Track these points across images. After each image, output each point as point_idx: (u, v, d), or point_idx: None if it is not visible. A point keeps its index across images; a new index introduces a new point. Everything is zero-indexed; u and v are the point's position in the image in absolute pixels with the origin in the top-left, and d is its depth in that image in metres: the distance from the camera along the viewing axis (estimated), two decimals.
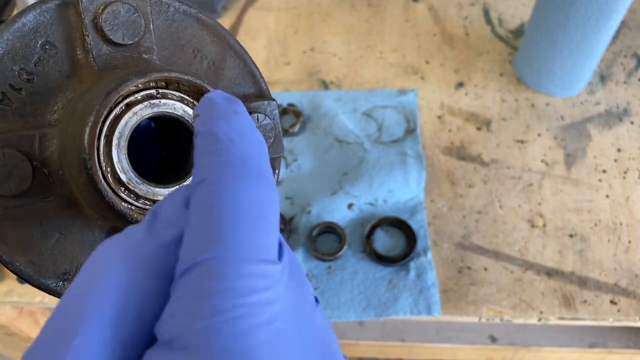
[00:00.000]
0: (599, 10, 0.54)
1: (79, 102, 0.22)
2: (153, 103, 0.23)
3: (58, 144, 0.22)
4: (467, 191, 0.58)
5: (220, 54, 0.27)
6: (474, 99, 0.65)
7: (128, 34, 0.23)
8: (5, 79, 0.22)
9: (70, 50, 0.23)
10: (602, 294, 0.52)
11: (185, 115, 0.23)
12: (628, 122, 0.63)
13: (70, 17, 0.23)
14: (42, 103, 0.23)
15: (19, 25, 0.22)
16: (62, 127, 0.22)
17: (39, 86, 0.23)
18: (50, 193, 0.22)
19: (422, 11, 0.75)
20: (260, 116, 0.27)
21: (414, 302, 0.52)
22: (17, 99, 0.22)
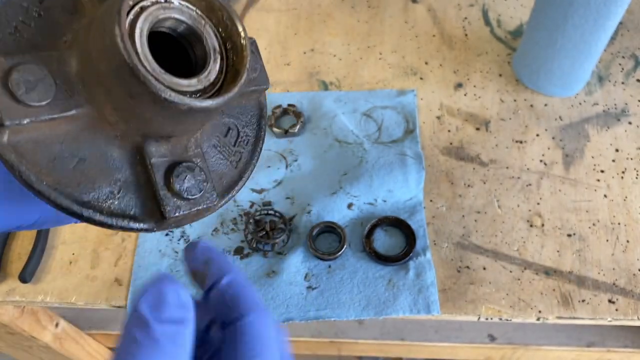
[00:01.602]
0: (597, 11, 0.54)
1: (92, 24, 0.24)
2: (164, 5, 0.24)
3: (76, 62, 0.23)
4: (466, 191, 0.59)
5: None
6: (473, 99, 0.66)
7: None
8: (16, 14, 0.23)
9: None
10: (600, 293, 0.52)
11: (193, 19, 0.25)
12: (626, 122, 0.63)
13: None
14: (51, 34, 0.24)
15: None
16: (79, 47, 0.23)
17: (46, 20, 0.24)
18: (72, 107, 0.23)
19: (421, 12, 0.75)
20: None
21: (413, 301, 0.52)
22: (28, 31, 0.24)
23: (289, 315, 0.52)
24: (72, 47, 0.24)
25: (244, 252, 0.56)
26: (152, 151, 0.25)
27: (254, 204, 0.59)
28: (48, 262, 0.57)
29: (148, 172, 0.25)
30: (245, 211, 0.59)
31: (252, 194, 0.60)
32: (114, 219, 0.24)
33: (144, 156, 0.25)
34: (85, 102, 0.23)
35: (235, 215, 0.58)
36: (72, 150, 0.24)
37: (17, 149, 0.22)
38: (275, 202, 0.59)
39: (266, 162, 0.62)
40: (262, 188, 0.60)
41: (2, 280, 0.56)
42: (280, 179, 0.61)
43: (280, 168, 0.61)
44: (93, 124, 0.24)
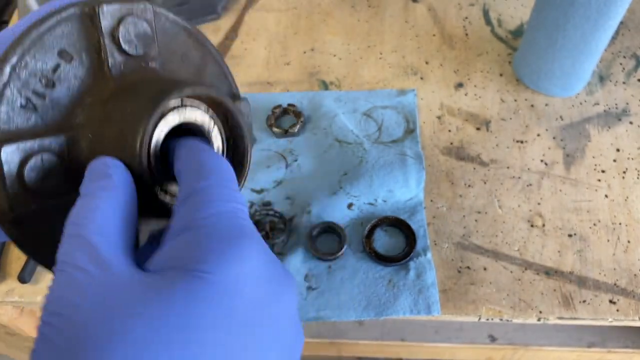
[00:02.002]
0: (597, 11, 0.54)
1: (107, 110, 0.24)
2: (180, 111, 0.25)
3: (87, 145, 0.24)
4: (466, 191, 0.59)
5: (202, 58, 0.30)
6: (473, 99, 0.66)
7: (140, 45, 0.26)
8: (28, 85, 0.24)
9: (87, 59, 0.25)
10: (601, 294, 0.52)
11: (203, 123, 0.26)
12: (627, 122, 0.63)
13: (87, 28, 0.25)
14: (64, 108, 0.24)
15: (39, 34, 0.24)
16: (92, 130, 0.24)
17: (59, 92, 0.24)
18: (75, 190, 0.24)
19: (421, 12, 0.75)
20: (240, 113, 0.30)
21: (413, 301, 0.52)
22: (41, 104, 0.24)
23: None
24: (85, 128, 0.24)
25: None
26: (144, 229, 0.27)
27: (254, 204, 0.59)
28: None
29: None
30: None
31: (251, 194, 0.60)
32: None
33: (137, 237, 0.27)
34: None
35: None
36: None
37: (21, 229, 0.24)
38: (275, 202, 0.59)
39: (266, 162, 0.62)
40: (261, 188, 0.60)
41: (1, 281, 0.56)
42: (280, 179, 0.61)
43: (280, 168, 0.61)
44: None
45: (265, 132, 0.64)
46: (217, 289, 0.19)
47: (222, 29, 0.75)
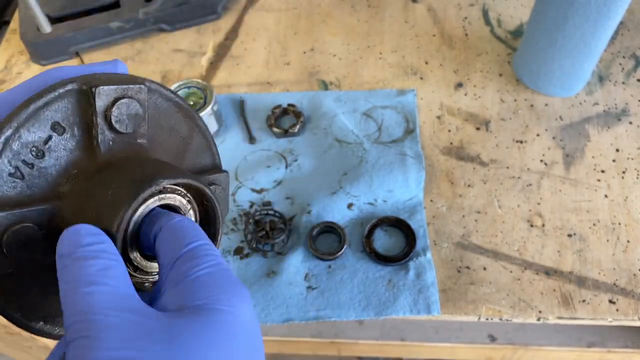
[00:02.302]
0: (597, 11, 0.54)
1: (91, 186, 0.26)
2: (160, 197, 0.26)
3: (68, 216, 0.25)
4: (466, 191, 0.59)
5: (189, 130, 0.31)
6: (473, 99, 0.66)
7: (130, 124, 0.27)
8: (19, 155, 0.24)
9: (78, 133, 0.26)
10: (600, 294, 0.52)
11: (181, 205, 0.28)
12: (626, 122, 0.63)
13: (82, 105, 0.26)
14: (50, 177, 0.25)
15: (37, 107, 0.25)
16: (74, 202, 0.26)
17: (47, 162, 0.25)
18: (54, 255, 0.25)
19: (421, 12, 0.75)
20: (217, 188, 0.32)
21: (413, 301, 0.52)
22: (28, 173, 0.25)
23: (289, 315, 0.52)
24: (68, 199, 0.25)
25: (244, 252, 0.56)
26: None
27: (254, 204, 0.59)
28: None
29: None
30: (245, 211, 0.59)
31: (252, 194, 0.60)
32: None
33: None
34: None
35: (235, 215, 0.58)
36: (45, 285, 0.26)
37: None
38: (275, 202, 0.59)
39: (266, 162, 0.62)
40: (262, 188, 0.60)
41: None
42: (280, 179, 0.61)
43: (280, 168, 0.61)
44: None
45: (265, 132, 0.64)
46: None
47: (222, 29, 0.76)
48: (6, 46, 0.76)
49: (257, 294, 0.53)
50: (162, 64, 0.72)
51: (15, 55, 0.75)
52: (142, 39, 0.75)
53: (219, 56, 0.73)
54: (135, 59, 0.73)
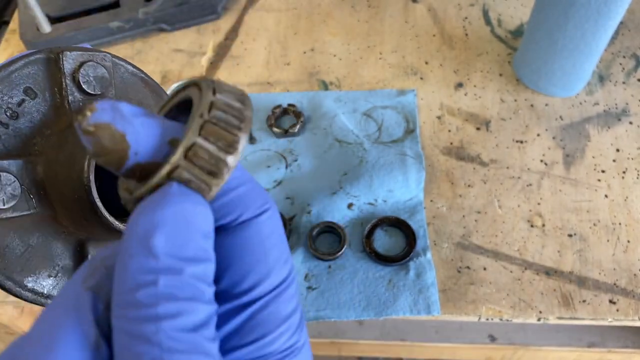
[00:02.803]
0: (597, 11, 0.54)
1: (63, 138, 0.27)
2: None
3: (44, 169, 0.27)
4: (466, 191, 0.59)
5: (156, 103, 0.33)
6: (473, 99, 0.66)
7: (97, 86, 0.29)
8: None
9: (49, 96, 0.28)
10: (601, 294, 0.52)
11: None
12: (627, 122, 0.63)
13: (51, 70, 0.28)
14: (24, 137, 0.28)
15: (7, 73, 0.27)
16: (49, 156, 0.27)
17: (22, 123, 0.28)
18: (31, 208, 0.27)
19: (421, 12, 0.75)
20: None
21: (413, 301, 0.52)
22: (4, 132, 0.27)
23: None
24: (42, 154, 0.27)
25: None
26: (92, 249, 0.30)
27: None
28: None
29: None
30: None
31: None
32: (48, 300, 0.28)
33: (84, 251, 0.29)
34: (44, 205, 0.27)
35: None
36: (23, 239, 0.27)
37: None
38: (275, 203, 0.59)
39: (266, 162, 0.62)
40: None
41: None
42: (280, 179, 0.61)
43: (280, 168, 0.61)
44: (45, 221, 0.28)
45: (265, 132, 0.64)
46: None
47: (222, 29, 0.75)
48: (5, 46, 0.76)
49: None
50: (162, 64, 0.72)
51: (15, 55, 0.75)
52: (141, 39, 0.75)
53: (219, 56, 0.72)
54: (135, 59, 0.73)
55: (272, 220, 0.21)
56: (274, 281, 0.20)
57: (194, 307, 0.17)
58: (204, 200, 0.18)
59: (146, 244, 0.17)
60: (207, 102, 0.19)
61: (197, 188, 0.18)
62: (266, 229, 0.20)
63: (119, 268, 0.17)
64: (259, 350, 0.19)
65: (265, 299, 0.20)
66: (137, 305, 0.16)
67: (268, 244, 0.20)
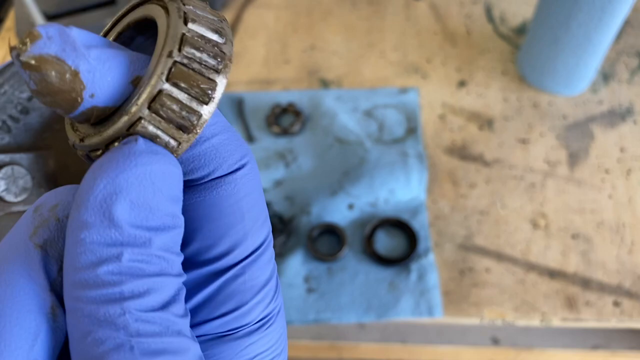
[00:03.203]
0: (602, 9, 0.53)
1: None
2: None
3: (55, 163, 0.27)
4: (469, 191, 0.58)
5: None
6: (476, 98, 0.65)
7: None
8: (5, 110, 0.27)
9: None
10: (605, 296, 0.51)
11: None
12: (631, 121, 0.62)
13: None
14: (35, 131, 0.28)
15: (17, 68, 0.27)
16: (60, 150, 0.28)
17: (32, 118, 0.28)
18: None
19: (423, 9, 0.74)
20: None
21: (415, 303, 0.51)
22: (15, 127, 0.27)
23: (289, 318, 0.51)
24: (52, 148, 0.28)
25: None
26: None
27: None
28: None
29: None
30: None
31: None
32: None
33: None
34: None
35: None
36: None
37: None
38: (274, 203, 0.58)
39: (265, 161, 0.61)
40: None
41: None
42: (279, 179, 0.60)
43: (279, 168, 0.60)
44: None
45: (265, 132, 0.63)
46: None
47: None
48: (1, 44, 0.75)
49: None
50: None
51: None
52: None
53: None
54: None
55: (251, 176, 0.18)
56: (250, 246, 0.17)
57: (163, 282, 0.15)
58: (173, 159, 0.16)
59: (107, 212, 0.14)
60: (177, 34, 0.15)
61: (165, 144, 0.16)
62: (244, 187, 0.17)
63: (73, 239, 0.14)
64: (233, 322, 0.17)
65: (240, 265, 0.17)
66: (98, 284, 0.14)
67: (245, 204, 0.17)
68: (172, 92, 0.15)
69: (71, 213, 0.15)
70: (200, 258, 0.17)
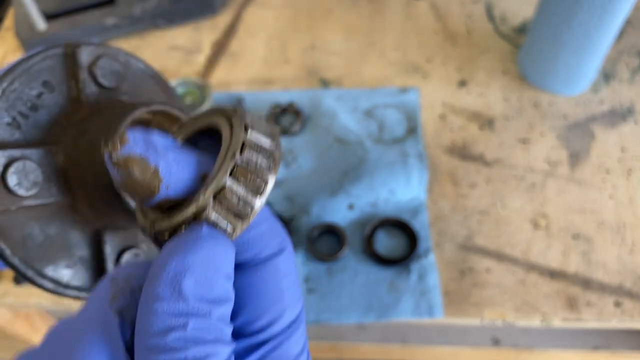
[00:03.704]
0: (602, 8, 0.53)
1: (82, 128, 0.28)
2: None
3: (64, 158, 0.28)
4: (469, 191, 0.58)
5: (167, 100, 0.35)
6: (476, 97, 0.65)
7: (113, 79, 0.31)
8: (15, 107, 0.28)
9: (66, 89, 0.29)
10: (605, 296, 0.51)
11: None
12: (632, 121, 0.62)
13: (68, 64, 0.29)
14: (43, 128, 0.28)
15: (27, 66, 0.28)
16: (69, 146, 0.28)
17: (41, 115, 0.28)
18: (51, 196, 0.28)
19: (423, 9, 0.74)
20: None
21: (415, 304, 0.51)
22: (24, 123, 0.28)
23: None
24: (61, 143, 0.28)
25: None
26: (108, 238, 0.30)
27: None
28: None
29: (102, 253, 0.30)
30: None
31: None
32: (67, 289, 0.29)
33: (100, 241, 0.30)
34: (64, 193, 0.28)
35: None
36: (43, 228, 0.28)
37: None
38: (274, 203, 0.58)
39: None
40: None
41: None
42: (279, 179, 0.60)
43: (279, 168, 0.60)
44: (64, 210, 0.29)
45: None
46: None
47: (220, 25, 0.74)
48: (0, 43, 0.75)
49: None
50: (158, 61, 0.71)
51: (10, 52, 0.74)
52: (138, 36, 0.74)
53: (217, 53, 0.71)
54: None
55: (289, 259, 0.21)
56: (287, 320, 0.20)
57: (219, 348, 0.17)
58: (230, 242, 0.19)
59: (177, 286, 0.17)
60: (239, 141, 0.19)
61: (224, 229, 0.19)
62: (283, 268, 0.21)
63: (146, 308, 0.17)
64: None
65: (278, 338, 0.20)
66: (167, 349, 0.16)
67: (284, 283, 0.20)
68: (233, 187, 0.19)
69: (145, 285, 0.17)
70: (245, 330, 0.20)
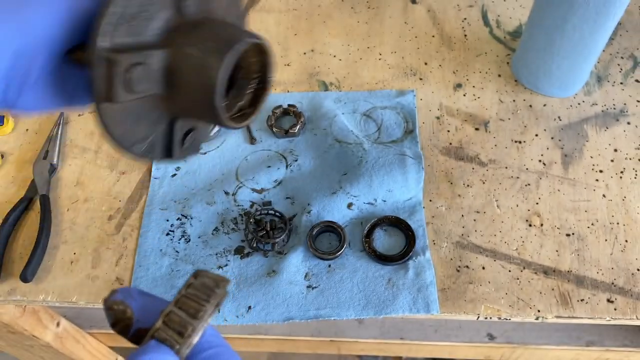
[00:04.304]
0: (596, 12, 0.54)
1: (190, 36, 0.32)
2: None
3: (168, 62, 0.31)
4: (465, 191, 0.59)
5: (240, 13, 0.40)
6: (472, 99, 0.66)
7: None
8: (130, 9, 0.30)
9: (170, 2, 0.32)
10: (599, 293, 0.52)
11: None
12: (625, 122, 0.63)
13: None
14: (156, 35, 0.31)
15: None
16: (174, 53, 0.31)
17: (152, 15, 0.31)
18: (152, 90, 0.31)
19: (420, 13, 0.75)
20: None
21: (412, 300, 0.52)
22: (139, 24, 0.30)
23: (289, 314, 0.52)
24: (169, 46, 0.31)
25: (245, 252, 0.56)
26: (180, 124, 0.35)
27: (254, 203, 0.59)
28: (49, 262, 0.57)
29: (172, 132, 0.35)
30: (246, 211, 0.59)
31: (252, 194, 0.60)
32: (143, 155, 0.33)
33: (174, 123, 0.34)
34: (163, 90, 0.31)
35: (236, 215, 0.59)
36: (139, 111, 0.32)
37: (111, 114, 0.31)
38: (275, 202, 0.59)
39: (266, 162, 0.62)
40: (262, 188, 0.60)
41: (3, 280, 0.56)
42: (280, 178, 0.61)
43: (280, 168, 0.62)
44: (158, 101, 0.32)
45: (266, 133, 0.65)
46: None
47: None
48: None
49: (257, 293, 0.53)
50: None
51: None
52: None
53: None
54: None
55: None
56: None
57: None
58: (172, 353, 0.26)
59: None
60: (187, 283, 0.29)
61: (170, 345, 0.27)
62: None
63: None
64: None
65: None
66: None
67: None
68: (177, 312, 0.28)
69: None
70: None
